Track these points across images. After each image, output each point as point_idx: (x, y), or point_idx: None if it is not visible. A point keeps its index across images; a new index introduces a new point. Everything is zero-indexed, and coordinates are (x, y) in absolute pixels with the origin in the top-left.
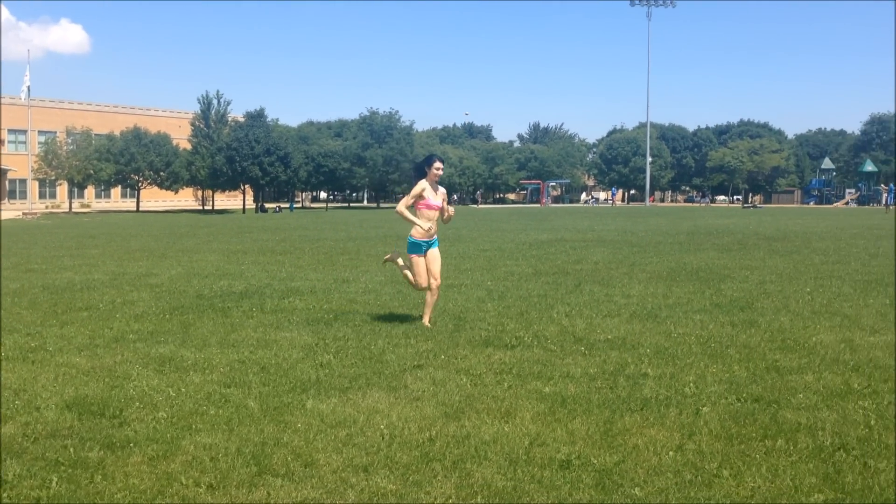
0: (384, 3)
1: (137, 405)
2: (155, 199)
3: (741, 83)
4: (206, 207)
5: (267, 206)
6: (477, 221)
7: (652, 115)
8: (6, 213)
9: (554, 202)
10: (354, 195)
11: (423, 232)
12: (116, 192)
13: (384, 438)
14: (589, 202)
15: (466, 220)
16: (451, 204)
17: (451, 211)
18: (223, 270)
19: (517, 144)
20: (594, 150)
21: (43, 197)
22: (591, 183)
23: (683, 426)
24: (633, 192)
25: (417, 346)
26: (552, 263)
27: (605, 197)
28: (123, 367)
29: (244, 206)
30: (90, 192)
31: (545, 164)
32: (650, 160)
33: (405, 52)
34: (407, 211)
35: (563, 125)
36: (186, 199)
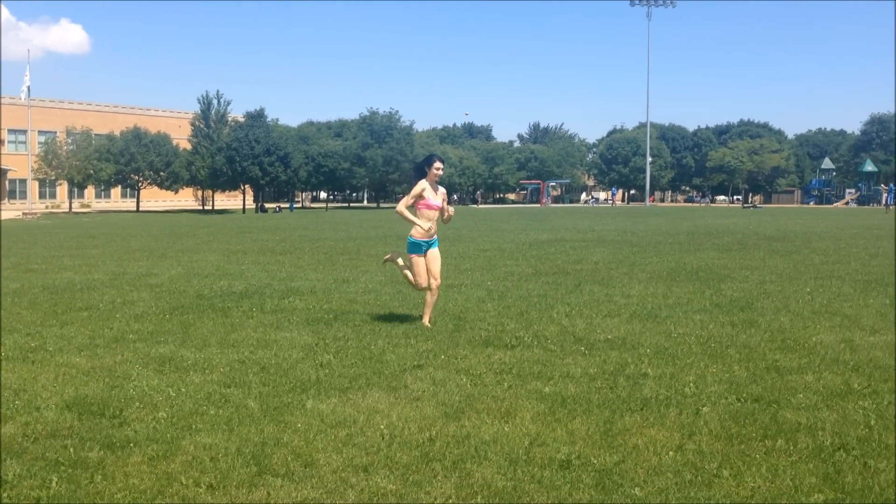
0: (384, 3)
1: (137, 405)
2: (155, 199)
3: (741, 83)
4: (206, 207)
5: (267, 206)
6: (477, 221)
7: (652, 115)
8: (6, 213)
9: (554, 202)
10: (354, 195)
11: (422, 232)
12: (116, 192)
13: (384, 438)
14: (589, 202)
15: (466, 220)
16: (450, 204)
17: (450, 211)
18: (223, 270)
19: (517, 144)
20: (594, 150)
21: (43, 197)
22: (591, 183)
23: (683, 426)
24: (633, 192)
25: (417, 346)
26: (552, 263)
27: (605, 197)
28: (123, 367)
29: (244, 206)
30: (90, 192)
31: (545, 164)
32: (650, 160)
33: (405, 52)
34: (407, 211)
35: (563, 125)
36: (186, 199)
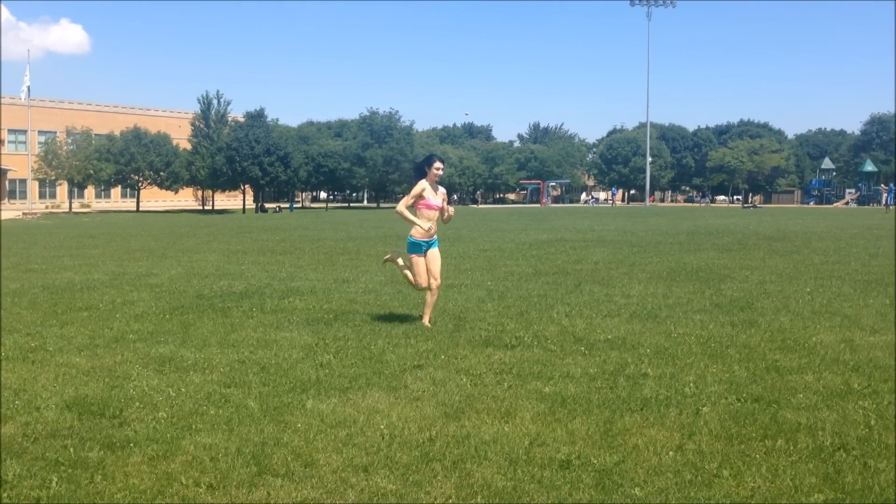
0: (384, 3)
1: (137, 405)
2: (155, 199)
3: (741, 83)
4: (206, 207)
5: (267, 206)
6: (477, 221)
7: (652, 115)
8: (6, 213)
9: (554, 202)
10: (354, 195)
11: (422, 232)
12: (116, 192)
13: (384, 438)
14: (589, 202)
15: (466, 220)
16: (450, 204)
17: (450, 211)
18: (223, 270)
19: (517, 144)
20: (594, 150)
21: (43, 197)
22: (591, 183)
23: (683, 426)
24: (633, 192)
25: (417, 346)
26: (552, 263)
27: (604, 197)
28: (123, 367)
29: (244, 206)
30: (90, 192)
31: (545, 164)
32: (650, 160)
33: (405, 52)
34: (407, 211)
35: (563, 125)
36: (186, 199)
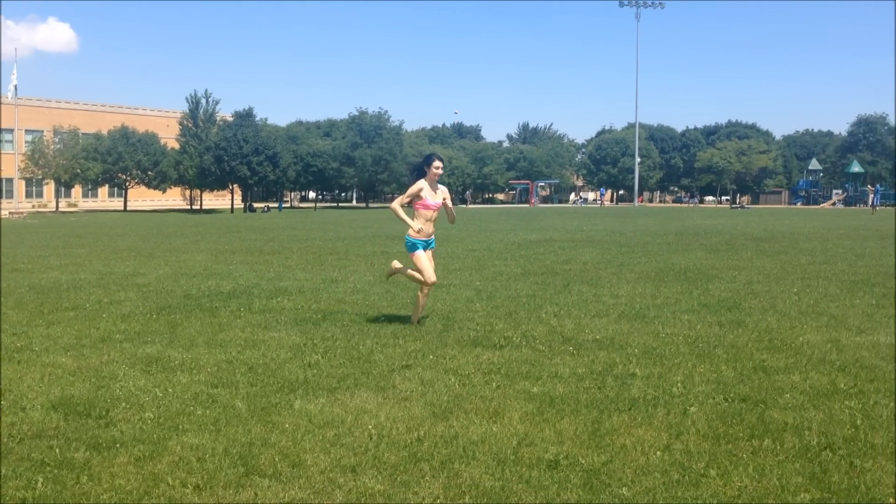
0: (374, 2)
1: (124, 405)
2: (142, 198)
3: (729, 84)
4: (194, 207)
5: (255, 205)
6: (466, 221)
7: (641, 115)
8: None
9: (543, 202)
10: (343, 195)
11: (419, 231)
12: (104, 191)
13: (372, 439)
14: (578, 202)
15: (455, 220)
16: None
17: (451, 209)
18: (211, 270)
19: (506, 144)
20: (583, 150)
21: (30, 196)
22: (579, 183)
23: (671, 426)
24: (621, 192)
25: (406, 346)
26: (541, 263)
27: (593, 197)
28: (110, 367)
29: (232, 205)
30: (77, 191)
31: (534, 164)
32: (639, 161)
33: (394, 52)
34: (400, 209)
35: (552, 125)
36: (174, 198)
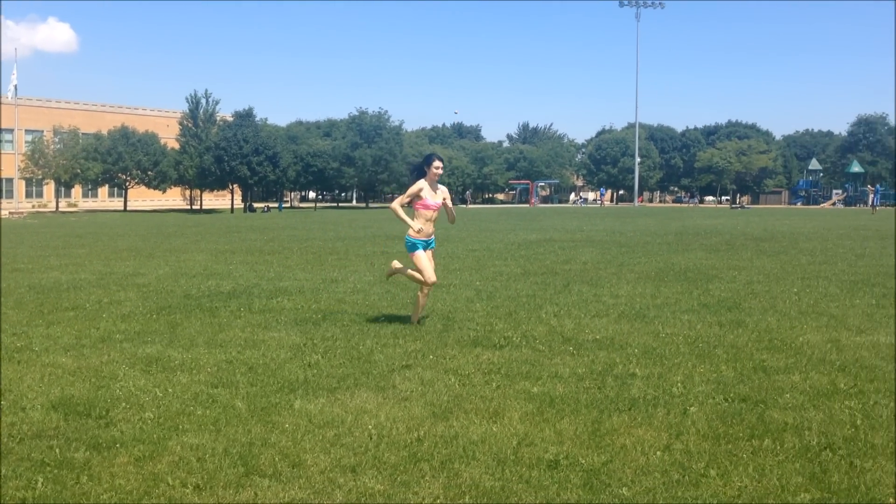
0: (374, 2)
1: (124, 405)
2: (142, 198)
3: (729, 84)
4: (194, 207)
5: (255, 205)
6: (466, 221)
7: (641, 115)
8: None
9: (543, 202)
10: (343, 195)
11: (419, 231)
12: (104, 191)
13: (372, 439)
14: (577, 202)
15: (456, 219)
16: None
17: (451, 209)
18: (211, 270)
19: (506, 144)
20: (583, 150)
21: (30, 196)
22: (579, 183)
23: (671, 426)
24: (621, 192)
25: (406, 346)
26: (541, 263)
27: (593, 197)
28: (110, 367)
29: (232, 205)
30: (77, 191)
31: (534, 164)
32: (639, 161)
33: (394, 52)
34: (400, 209)
35: (552, 125)
36: (174, 198)
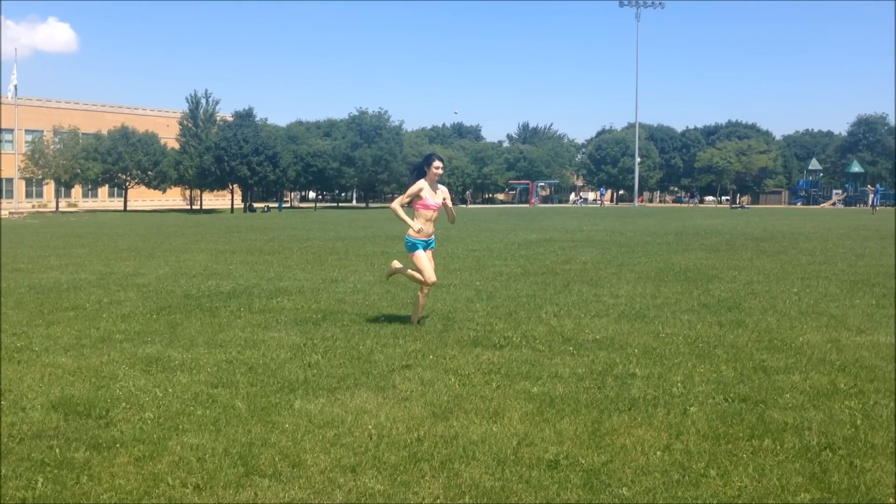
0: (374, 2)
1: (124, 405)
2: (142, 198)
3: (729, 84)
4: (194, 207)
5: (255, 205)
6: (466, 221)
7: (640, 115)
8: None
9: (543, 202)
10: (343, 195)
11: (418, 231)
12: (104, 191)
13: (372, 439)
14: (577, 202)
15: (456, 219)
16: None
17: (451, 209)
18: (211, 270)
19: (506, 144)
20: (583, 150)
21: (30, 196)
22: (579, 183)
23: (671, 426)
24: (621, 192)
25: (406, 346)
26: (541, 263)
27: (593, 197)
28: (110, 367)
29: (232, 205)
30: (77, 191)
31: (534, 164)
32: (639, 161)
33: (394, 52)
34: (400, 209)
35: (552, 125)
36: (174, 198)
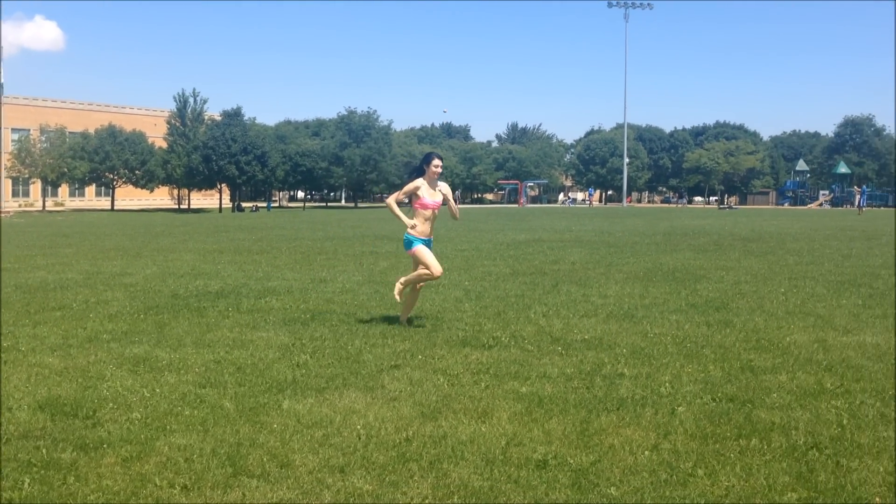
0: (363, 2)
1: (111, 406)
2: (130, 197)
3: (717, 85)
4: (181, 206)
5: (243, 205)
6: (455, 222)
7: (629, 116)
8: None
9: (531, 202)
10: (332, 195)
11: (420, 231)
12: (91, 190)
13: (361, 439)
14: (566, 203)
15: (444, 219)
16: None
17: (453, 206)
18: (199, 270)
19: (495, 145)
20: (572, 150)
21: (16, 195)
22: (568, 183)
23: (659, 426)
24: (610, 192)
25: (395, 346)
26: (530, 264)
27: (582, 197)
28: (97, 367)
29: (220, 205)
30: (64, 190)
31: (523, 164)
32: (627, 161)
33: (383, 51)
34: (395, 205)
35: (540, 126)
36: (162, 197)
